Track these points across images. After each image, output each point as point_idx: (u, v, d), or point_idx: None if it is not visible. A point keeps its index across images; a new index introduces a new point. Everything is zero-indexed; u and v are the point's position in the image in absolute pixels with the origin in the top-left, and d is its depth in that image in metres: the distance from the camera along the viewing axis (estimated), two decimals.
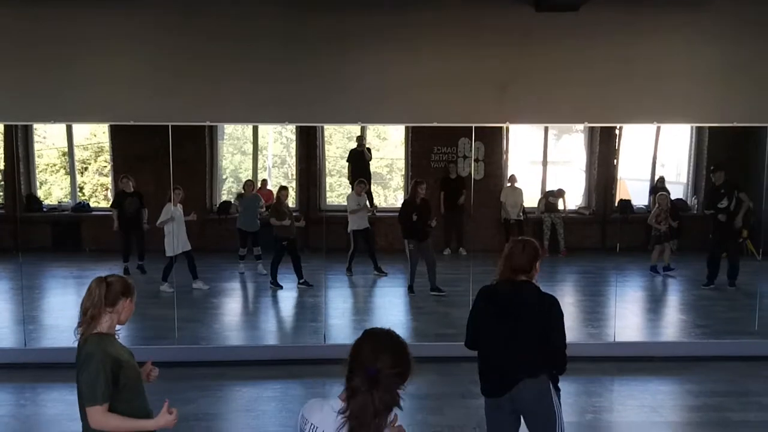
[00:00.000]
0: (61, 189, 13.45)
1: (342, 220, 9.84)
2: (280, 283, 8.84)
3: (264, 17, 6.22)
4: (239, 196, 10.25)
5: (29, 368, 6.09)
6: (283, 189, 9.16)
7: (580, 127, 11.78)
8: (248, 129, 12.76)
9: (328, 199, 12.21)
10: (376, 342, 2.08)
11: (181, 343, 6.41)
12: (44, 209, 11.65)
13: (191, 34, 6.20)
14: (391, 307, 8.37)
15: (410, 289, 8.59)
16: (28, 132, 11.46)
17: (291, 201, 12.01)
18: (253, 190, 9.97)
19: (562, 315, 3.34)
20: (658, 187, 11.16)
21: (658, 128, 11.02)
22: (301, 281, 8.83)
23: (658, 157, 12.02)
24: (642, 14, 6.34)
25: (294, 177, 12.48)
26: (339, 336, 6.95)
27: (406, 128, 11.76)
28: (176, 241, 8.27)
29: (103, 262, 9.67)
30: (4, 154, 11.54)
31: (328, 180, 12.69)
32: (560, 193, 11.42)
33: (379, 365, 1.99)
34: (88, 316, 2.78)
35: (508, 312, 3.33)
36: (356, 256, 9.55)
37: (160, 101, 6.26)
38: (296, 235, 8.98)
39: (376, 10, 6.25)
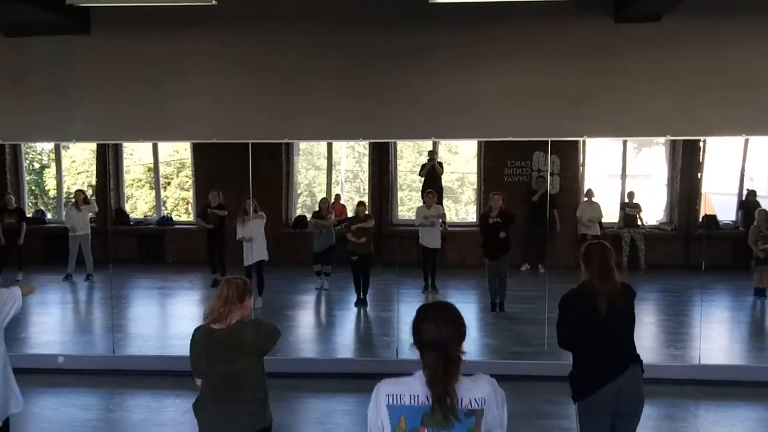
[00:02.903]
0: (146, 203, 14.12)
1: (413, 234, 9.82)
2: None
3: (338, 36, 6.37)
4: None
5: (117, 375, 6.41)
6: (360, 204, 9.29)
7: (662, 139, 11.35)
8: (322, 144, 13.01)
9: (399, 214, 12.27)
10: (435, 316, 2.30)
11: None
12: (131, 222, 12.25)
13: (269, 55, 6.43)
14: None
15: (492, 306, 8.44)
16: (118, 150, 12.11)
17: None
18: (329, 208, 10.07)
19: None
20: (749, 201, 10.58)
21: (747, 140, 10.47)
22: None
23: (746, 170, 11.41)
24: (728, 22, 6.09)
25: (366, 191, 12.61)
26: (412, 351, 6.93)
27: (479, 142, 11.65)
28: (249, 252, 8.49)
29: (184, 274, 10.08)
30: (97, 170, 12.27)
31: (400, 194, 12.75)
32: (636, 205, 11.01)
33: (444, 336, 2.24)
34: (224, 311, 3.21)
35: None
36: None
37: (240, 120, 6.51)
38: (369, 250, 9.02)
39: (448, 25, 6.27)
